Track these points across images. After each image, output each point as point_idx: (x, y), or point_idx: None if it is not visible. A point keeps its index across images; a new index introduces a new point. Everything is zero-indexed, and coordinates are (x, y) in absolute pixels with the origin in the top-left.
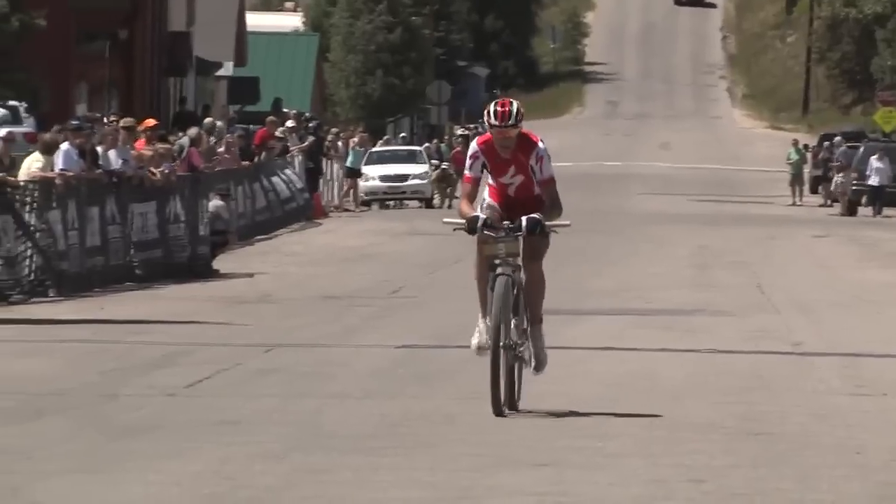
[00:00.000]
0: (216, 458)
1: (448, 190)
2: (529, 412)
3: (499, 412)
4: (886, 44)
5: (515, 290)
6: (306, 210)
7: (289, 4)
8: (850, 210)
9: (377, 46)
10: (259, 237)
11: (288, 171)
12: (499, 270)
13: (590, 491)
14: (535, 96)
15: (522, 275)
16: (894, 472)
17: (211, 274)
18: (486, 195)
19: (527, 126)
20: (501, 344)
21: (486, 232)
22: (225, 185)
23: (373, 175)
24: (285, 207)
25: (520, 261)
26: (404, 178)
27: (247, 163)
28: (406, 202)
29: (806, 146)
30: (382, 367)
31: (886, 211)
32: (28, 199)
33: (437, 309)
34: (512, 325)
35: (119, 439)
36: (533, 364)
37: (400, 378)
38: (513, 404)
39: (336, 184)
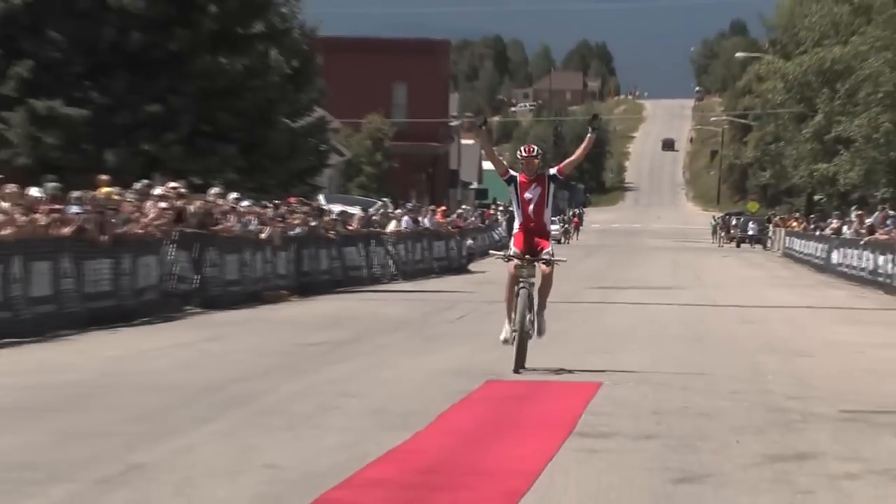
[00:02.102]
0: (466, 350)
1: (567, 235)
2: (587, 332)
3: (517, 370)
4: (753, 174)
5: (529, 299)
6: (508, 244)
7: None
8: (738, 245)
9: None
10: (486, 257)
11: (499, 229)
12: (521, 285)
13: (617, 376)
14: (603, 197)
15: (536, 284)
16: (759, 358)
17: (467, 271)
18: (511, 244)
19: (597, 210)
20: (524, 329)
21: (515, 261)
22: (474, 234)
23: None
24: (498, 243)
25: (534, 279)
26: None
27: (481, 225)
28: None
29: (717, 218)
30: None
31: (747, 246)
32: (390, 239)
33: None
34: (527, 319)
35: (427, 342)
36: (537, 332)
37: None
38: (522, 365)
39: None
